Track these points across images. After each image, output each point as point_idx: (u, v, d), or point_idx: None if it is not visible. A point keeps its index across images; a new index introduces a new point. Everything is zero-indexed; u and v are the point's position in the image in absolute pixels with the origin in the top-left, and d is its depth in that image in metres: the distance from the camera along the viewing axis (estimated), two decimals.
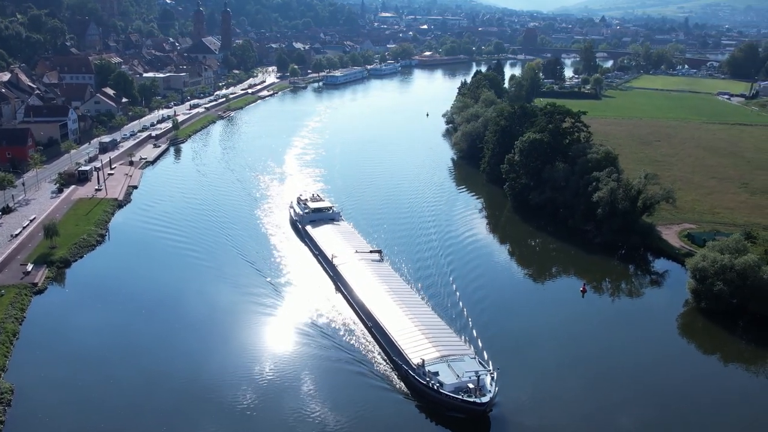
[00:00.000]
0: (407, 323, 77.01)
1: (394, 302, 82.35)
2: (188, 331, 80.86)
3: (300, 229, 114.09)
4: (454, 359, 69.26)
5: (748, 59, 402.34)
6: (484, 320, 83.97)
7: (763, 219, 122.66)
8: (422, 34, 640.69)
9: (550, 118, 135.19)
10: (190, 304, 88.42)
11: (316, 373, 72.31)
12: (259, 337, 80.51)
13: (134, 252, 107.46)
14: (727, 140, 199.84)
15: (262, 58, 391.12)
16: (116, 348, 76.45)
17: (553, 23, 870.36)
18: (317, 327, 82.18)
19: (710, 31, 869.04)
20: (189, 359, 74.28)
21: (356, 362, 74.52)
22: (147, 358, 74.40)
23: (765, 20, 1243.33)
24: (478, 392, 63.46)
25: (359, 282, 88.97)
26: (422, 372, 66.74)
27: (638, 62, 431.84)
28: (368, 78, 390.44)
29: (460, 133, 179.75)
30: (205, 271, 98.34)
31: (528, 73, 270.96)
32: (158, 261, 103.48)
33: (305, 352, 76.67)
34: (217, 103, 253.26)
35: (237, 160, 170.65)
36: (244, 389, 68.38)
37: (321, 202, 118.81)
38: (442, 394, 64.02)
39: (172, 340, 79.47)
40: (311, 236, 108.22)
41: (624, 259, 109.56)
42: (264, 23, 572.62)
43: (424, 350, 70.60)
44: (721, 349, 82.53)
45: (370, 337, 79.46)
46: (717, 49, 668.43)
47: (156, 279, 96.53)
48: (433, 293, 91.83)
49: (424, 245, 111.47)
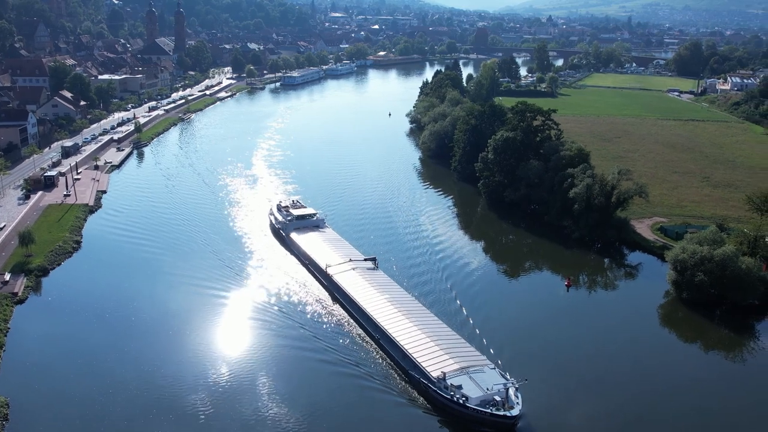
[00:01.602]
0: (419, 334, 74.60)
1: (400, 312, 79.90)
2: (185, 341, 79.26)
3: (284, 237, 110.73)
4: (475, 371, 67.42)
5: (693, 57, 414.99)
6: (482, 318, 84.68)
7: (728, 211, 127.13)
8: (374, 34, 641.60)
9: (521, 117, 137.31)
10: (179, 316, 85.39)
11: (328, 390, 69.42)
12: (261, 354, 76.58)
13: (111, 259, 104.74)
14: (684, 136, 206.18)
15: (216, 59, 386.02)
16: (111, 355, 74.99)
17: (502, 23, 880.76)
18: (320, 340, 79.28)
19: (652, 29, 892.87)
20: (200, 373, 72.19)
21: (369, 377, 71.86)
22: (148, 365, 73.17)
23: (702, 19, 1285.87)
24: (506, 405, 62.27)
25: (360, 292, 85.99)
26: (444, 386, 64.71)
27: (588, 61, 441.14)
28: (325, 78, 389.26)
29: (428, 132, 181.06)
30: (189, 280, 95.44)
31: (487, 73, 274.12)
32: (138, 269, 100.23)
33: (312, 368, 73.61)
34: (176, 105, 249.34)
35: (204, 163, 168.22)
36: (249, 401, 67.05)
37: (304, 209, 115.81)
38: (468, 408, 62.37)
39: (167, 347, 78.20)
40: (298, 244, 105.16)
41: (602, 253, 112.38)
42: (214, 24, 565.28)
43: (443, 362, 68.58)
44: (703, 337, 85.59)
45: (379, 349, 76.82)
46: (660, 47, 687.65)
47: (137, 287, 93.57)
48: (430, 297, 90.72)
49: (411, 247, 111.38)
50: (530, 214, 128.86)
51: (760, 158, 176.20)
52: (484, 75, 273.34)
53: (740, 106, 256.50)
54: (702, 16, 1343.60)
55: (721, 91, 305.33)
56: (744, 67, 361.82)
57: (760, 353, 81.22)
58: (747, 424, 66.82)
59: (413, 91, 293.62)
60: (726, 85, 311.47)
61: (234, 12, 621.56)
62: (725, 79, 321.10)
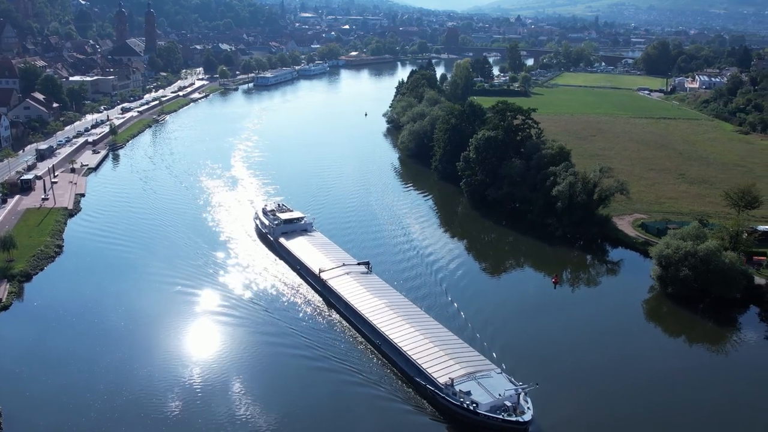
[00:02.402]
0: (422, 339, 73.55)
1: (400, 317, 78.81)
2: (179, 352, 78.03)
3: (272, 241, 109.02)
4: (482, 376, 66.84)
5: (661, 56, 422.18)
6: (479, 320, 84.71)
7: (705, 207, 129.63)
8: (345, 34, 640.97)
9: (502, 116, 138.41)
10: (172, 324, 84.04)
11: (332, 398, 68.29)
12: (258, 362, 75.01)
13: (94, 263, 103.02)
14: (657, 134, 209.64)
15: (187, 60, 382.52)
16: (103, 361, 74.11)
17: (471, 23, 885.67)
18: (318, 347, 77.66)
19: (619, 29, 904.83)
20: (195, 383, 71.24)
21: (372, 384, 70.73)
22: (145, 368, 72.59)
23: (667, 18, 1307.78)
24: (517, 410, 61.96)
25: (357, 297, 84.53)
26: (452, 392, 64.01)
27: (559, 60, 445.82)
28: (298, 78, 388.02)
29: (407, 132, 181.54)
30: (177, 287, 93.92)
31: (462, 72, 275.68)
32: (122, 273, 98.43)
33: (313, 376, 72.08)
34: (150, 107, 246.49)
35: (181, 165, 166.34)
36: (250, 408, 66.04)
37: (291, 213, 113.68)
38: (479, 414, 61.77)
39: (162, 352, 77.49)
40: (288, 249, 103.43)
41: (585, 250, 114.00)
42: (184, 24, 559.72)
43: (449, 368, 67.72)
44: (689, 330, 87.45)
45: (381, 355, 75.73)
46: (627, 46, 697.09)
47: (123, 292, 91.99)
48: (426, 301, 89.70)
49: (401, 250, 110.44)
50: (513, 213, 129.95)
51: (731, 155, 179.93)
52: (458, 74, 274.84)
53: (709, 104, 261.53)
54: (666, 16, 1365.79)
55: (690, 89, 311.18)
56: (710, 66, 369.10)
57: (743, 345, 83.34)
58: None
59: (387, 91, 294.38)
60: (694, 83, 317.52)
61: (203, 12, 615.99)
62: (693, 78, 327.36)
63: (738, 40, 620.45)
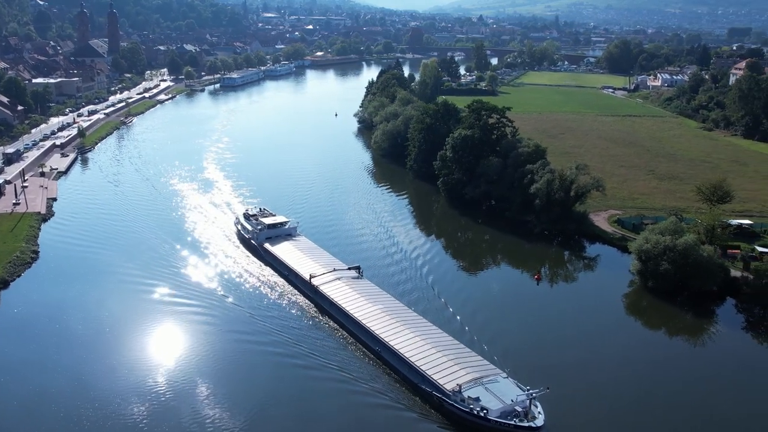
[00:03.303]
0: (423, 345, 72.24)
1: (398, 322, 77.42)
2: (173, 363, 76.19)
3: (256, 247, 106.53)
4: (489, 381, 66.05)
5: (622, 55, 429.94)
6: (472, 322, 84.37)
7: (677, 202, 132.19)
8: (309, 35, 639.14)
9: (477, 115, 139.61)
10: (158, 330, 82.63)
11: (336, 408, 66.77)
12: (255, 373, 73.19)
13: (72, 269, 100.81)
14: (624, 131, 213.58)
15: (150, 61, 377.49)
16: (90, 367, 73.05)
17: (434, 22, 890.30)
18: (315, 356, 75.88)
19: (579, 28, 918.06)
20: (190, 393, 70.25)
21: (375, 393, 69.24)
22: (141, 373, 71.62)
23: (624, 17, 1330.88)
24: (528, 415, 61.27)
25: (352, 303, 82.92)
26: (460, 398, 63.15)
27: (523, 59, 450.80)
28: (264, 79, 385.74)
29: (380, 132, 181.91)
30: (156, 292, 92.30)
31: (431, 72, 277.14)
32: (100, 279, 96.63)
33: (313, 386, 70.40)
34: (116, 109, 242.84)
35: (152, 168, 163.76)
36: (252, 418, 64.63)
37: (275, 217, 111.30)
38: (490, 421, 61.02)
39: (153, 360, 76.65)
40: (274, 255, 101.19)
41: (564, 246, 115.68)
42: (145, 25, 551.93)
43: (455, 374, 66.79)
44: (669, 322, 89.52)
45: (381, 363, 74.26)
46: (588, 45, 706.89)
47: (102, 298, 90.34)
48: (420, 305, 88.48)
49: (388, 254, 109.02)
50: (490, 211, 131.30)
51: (697, 151, 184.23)
52: (427, 74, 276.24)
53: (673, 102, 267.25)
54: (624, 15, 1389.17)
55: (653, 87, 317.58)
56: (671, 64, 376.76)
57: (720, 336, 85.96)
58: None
59: (355, 91, 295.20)
60: (656, 81, 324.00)
61: (165, 13, 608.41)
62: (655, 76, 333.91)
63: (694, 38, 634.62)
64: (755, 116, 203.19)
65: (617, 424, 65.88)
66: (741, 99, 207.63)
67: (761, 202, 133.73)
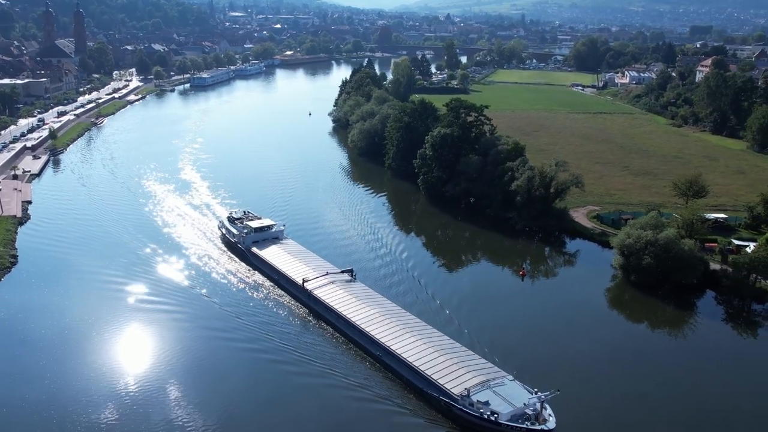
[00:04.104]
0: (426, 349, 71.40)
1: (398, 326, 76.48)
2: (170, 369, 74.40)
3: (243, 251, 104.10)
4: (496, 384, 65.59)
5: (590, 53, 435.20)
6: (468, 322, 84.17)
7: (652, 198, 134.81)
8: (277, 34, 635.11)
9: (456, 113, 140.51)
10: (146, 337, 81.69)
11: (342, 417, 65.68)
12: (255, 382, 71.49)
13: (53, 273, 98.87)
14: (596, 128, 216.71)
15: (118, 61, 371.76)
16: (64, 374, 72.16)
17: (401, 21, 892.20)
18: (315, 362, 74.41)
19: (545, 27, 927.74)
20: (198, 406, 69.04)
21: (380, 399, 68.24)
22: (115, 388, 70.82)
23: (589, 16, 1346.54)
24: (539, 418, 61.24)
25: (349, 307, 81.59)
26: (469, 403, 62.63)
27: (492, 58, 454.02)
28: (234, 78, 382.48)
29: (357, 131, 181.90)
30: (144, 296, 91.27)
31: (404, 70, 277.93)
32: (82, 283, 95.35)
33: (316, 393, 68.94)
34: (86, 110, 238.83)
35: (127, 169, 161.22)
36: None
37: (261, 221, 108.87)
38: (501, 425, 60.66)
39: (143, 368, 75.87)
40: (263, 259, 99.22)
41: (546, 242, 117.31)
42: (111, 24, 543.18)
43: (461, 378, 66.18)
44: (653, 315, 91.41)
45: (382, 368, 73.23)
46: (554, 43, 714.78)
47: (90, 302, 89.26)
48: (415, 307, 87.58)
49: (377, 255, 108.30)
50: (470, 208, 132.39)
51: (669, 147, 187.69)
52: (400, 73, 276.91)
53: (642, 99, 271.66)
54: (588, 13, 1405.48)
55: (621, 84, 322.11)
56: (637, 62, 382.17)
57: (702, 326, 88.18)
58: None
59: (326, 90, 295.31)
60: (624, 78, 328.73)
61: (130, 12, 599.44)
62: (623, 74, 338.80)
63: (658, 36, 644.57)
64: (723, 113, 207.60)
65: (627, 423, 66.18)
66: (709, 96, 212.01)
67: (733, 196, 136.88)
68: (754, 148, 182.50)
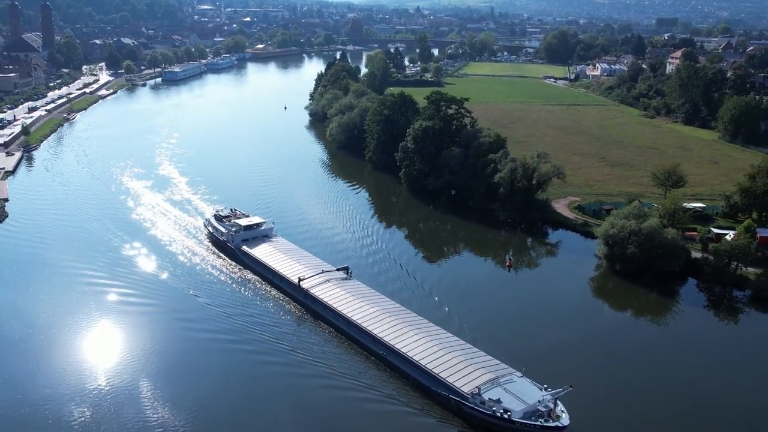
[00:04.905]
0: (432, 347, 70.67)
1: (401, 324, 75.59)
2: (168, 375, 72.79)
3: (233, 249, 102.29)
4: (506, 381, 65.09)
5: (560, 45, 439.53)
6: (466, 317, 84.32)
7: (631, 188, 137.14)
8: (247, 27, 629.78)
9: (437, 106, 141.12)
10: (136, 343, 79.48)
11: (350, 418, 64.98)
12: (260, 386, 69.59)
13: (34, 273, 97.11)
14: (571, 120, 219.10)
15: (87, 55, 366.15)
16: None
17: (371, 14, 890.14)
18: (319, 363, 73.25)
19: (514, 19, 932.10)
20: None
21: (387, 399, 67.28)
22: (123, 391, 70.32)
23: (556, 8, 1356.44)
24: (553, 414, 60.94)
25: (348, 306, 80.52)
26: (480, 401, 62.22)
27: (464, 50, 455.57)
28: (206, 72, 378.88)
29: (336, 124, 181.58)
30: (131, 297, 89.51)
31: (379, 63, 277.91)
32: (64, 284, 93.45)
33: (322, 395, 68.07)
34: (57, 105, 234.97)
35: (103, 166, 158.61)
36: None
37: (250, 219, 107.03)
38: (515, 422, 60.21)
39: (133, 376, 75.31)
40: (255, 257, 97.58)
41: (530, 233, 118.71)
42: (78, 18, 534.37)
43: (470, 375, 65.74)
44: (638, 303, 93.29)
45: (387, 367, 72.32)
46: (524, 36, 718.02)
47: (73, 302, 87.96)
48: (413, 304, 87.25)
49: (367, 250, 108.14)
50: (452, 200, 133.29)
51: (643, 138, 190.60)
52: (376, 66, 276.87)
53: (614, 90, 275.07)
54: (555, 6, 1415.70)
55: (593, 76, 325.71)
56: (607, 54, 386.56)
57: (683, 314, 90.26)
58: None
59: (300, 84, 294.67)
60: (596, 71, 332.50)
61: (97, 6, 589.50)
62: (594, 66, 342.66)
63: (625, 29, 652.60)
64: (695, 104, 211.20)
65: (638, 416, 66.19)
66: (681, 87, 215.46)
67: (709, 186, 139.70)
68: (726, 138, 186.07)
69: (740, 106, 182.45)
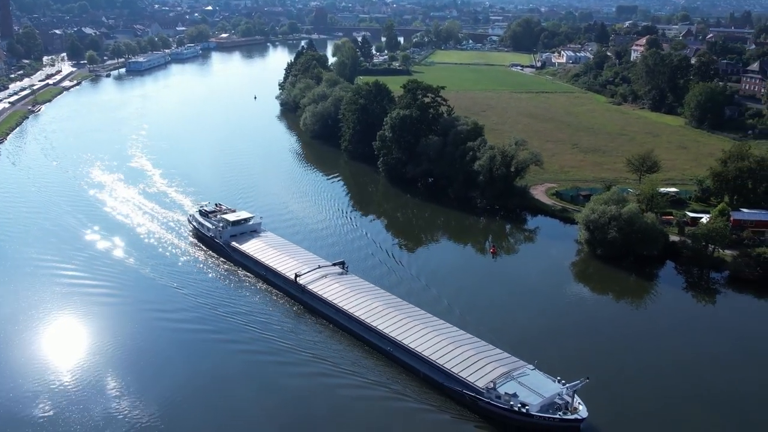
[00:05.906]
0: (441, 341, 69.62)
1: (406, 319, 74.38)
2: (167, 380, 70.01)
3: (221, 245, 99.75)
4: (520, 375, 64.35)
5: (525, 33, 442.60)
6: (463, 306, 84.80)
7: (605, 174, 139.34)
8: (209, 16, 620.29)
9: (413, 95, 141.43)
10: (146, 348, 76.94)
11: (364, 416, 63.88)
12: (271, 388, 68.06)
13: (6, 270, 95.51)
14: (540, 107, 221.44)
15: (47, 46, 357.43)
16: None
17: (335, 2, 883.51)
18: (324, 361, 71.71)
19: (477, 7, 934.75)
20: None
21: (399, 396, 66.00)
22: None
23: None
24: (570, 407, 60.55)
25: (349, 302, 79.01)
26: (496, 395, 61.34)
27: (430, 39, 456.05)
28: (170, 62, 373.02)
29: (309, 113, 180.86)
30: (118, 296, 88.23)
31: (349, 52, 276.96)
32: (45, 283, 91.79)
33: (333, 394, 66.56)
34: (20, 97, 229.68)
35: (73, 159, 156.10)
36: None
37: (237, 214, 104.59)
38: (533, 416, 59.64)
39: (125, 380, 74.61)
40: (246, 253, 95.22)
41: (509, 220, 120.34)
42: (34, 7, 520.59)
43: (483, 370, 64.81)
44: (617, 285, 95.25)
45: (395, 363, 70.91)
46: (487, 24, 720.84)
47: (48, 301, 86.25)
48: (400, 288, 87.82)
49: (359, 244, 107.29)
50: (430, 188, 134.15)
51: (613, 125, 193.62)
52: (345, 54, 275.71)
53: (580, 78, 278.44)
54: None
55: (559, 64, 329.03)
56: (572, 42, 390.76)
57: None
58: None
59: (267, 73, 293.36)
60: (561, 58, 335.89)
61: None
62: (559, 53, 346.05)
63: (586, 17, 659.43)
64: (661, 90, 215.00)
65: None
66: (647, 74, 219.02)
67: (680, 170, 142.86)
68: (692, 123, 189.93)
69: (706, 93, 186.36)
